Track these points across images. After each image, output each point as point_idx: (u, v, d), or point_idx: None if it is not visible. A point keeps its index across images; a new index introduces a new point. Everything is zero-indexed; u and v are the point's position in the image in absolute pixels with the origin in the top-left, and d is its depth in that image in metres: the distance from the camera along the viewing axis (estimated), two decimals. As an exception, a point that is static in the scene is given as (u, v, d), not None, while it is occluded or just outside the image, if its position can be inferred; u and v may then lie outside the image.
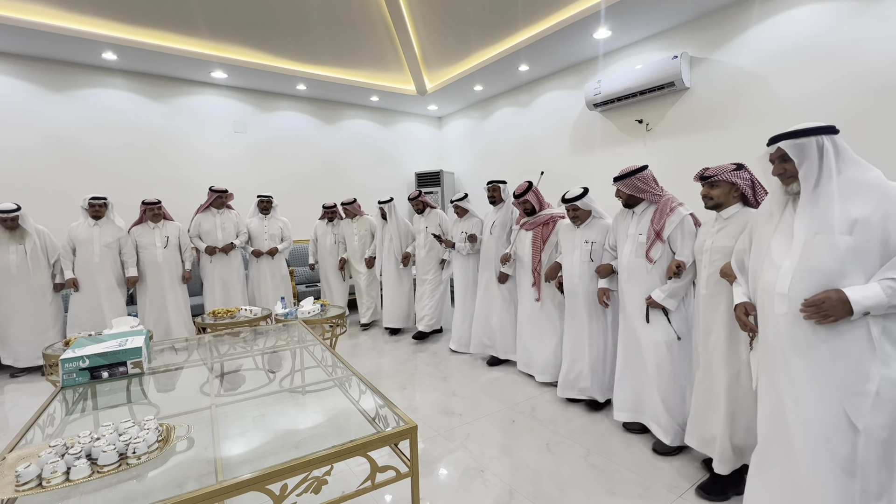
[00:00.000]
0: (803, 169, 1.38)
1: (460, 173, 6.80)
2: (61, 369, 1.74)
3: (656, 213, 2.25)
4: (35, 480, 1.10)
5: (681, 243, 2.19)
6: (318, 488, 1.23)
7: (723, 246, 1.89)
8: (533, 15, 4.04)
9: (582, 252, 2.70)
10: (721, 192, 1.91)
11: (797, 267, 1.37)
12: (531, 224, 3.16)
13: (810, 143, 1.37)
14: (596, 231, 2.69)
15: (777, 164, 1.48)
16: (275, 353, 2.50)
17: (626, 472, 2.16)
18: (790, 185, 1.46)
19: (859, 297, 1.25)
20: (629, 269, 2.35)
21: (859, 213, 1.29)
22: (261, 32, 4.38)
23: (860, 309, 1.25)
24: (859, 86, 2.98)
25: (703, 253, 1.99)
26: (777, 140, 1.44)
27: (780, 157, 1.46)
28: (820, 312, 1.30)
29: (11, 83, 4.24)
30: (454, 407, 2.93)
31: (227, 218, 4.40)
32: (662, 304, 2.20)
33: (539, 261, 3.10)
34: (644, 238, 2.28)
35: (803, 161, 1.38)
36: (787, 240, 1.44)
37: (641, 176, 2.28)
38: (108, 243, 3.79)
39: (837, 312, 1.27)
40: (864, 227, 1.28)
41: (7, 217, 3.53)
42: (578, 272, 2.72)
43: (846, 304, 1.26)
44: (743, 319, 1.63)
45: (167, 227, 4.08)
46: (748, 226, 1.71)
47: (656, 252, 2.23)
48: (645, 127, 4.27)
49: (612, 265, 2.53)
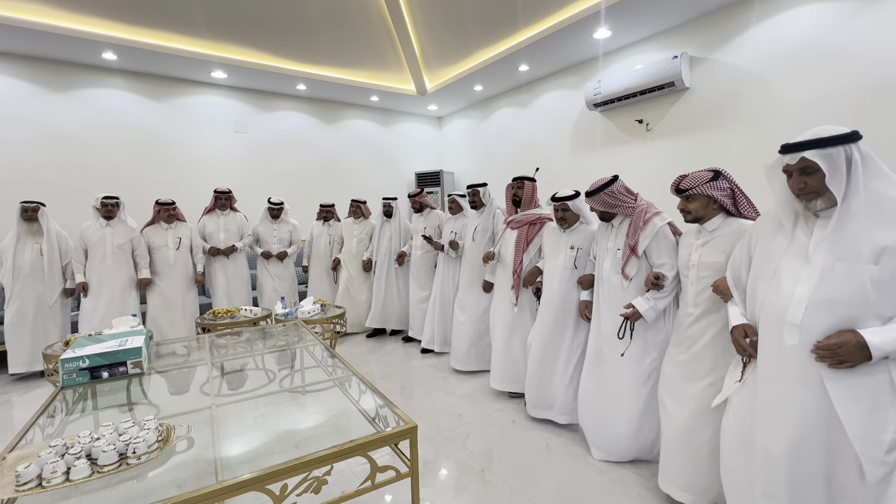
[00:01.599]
0: (833, 183, 1.19)
1: (460, 173, 6.80)
2: (61, 369, 1.74)
3: (630, 226, 2.14)
4: (35, 480, 1.10)
5: (656, 256, 2.06)
6: (318, 488, 1.23)
7: (711, 261, 1.74)
8: (533, 15, 4.04)
9: (566, 258, 2.56)
10: (699, 206, 1.77)
11: (813, 297, 1.22)
12: (517, 223, 3.00)
13: (839, 154, 1.19)
14: (582, 237, 2.55)
15: (796, 176, 1.27)
16: (275, 353, 2.50)
17: (626, 471, 2.16)
18: (812, 202, 1.26)
19: (879, 342, 1.12)
20: (608, 284, 2.21)
21: (889, 240, 1.13)
22: (261, 32, 4.38)
23: (879, 355, 1.13)
24: (859, 86, 2.98)
25: (689, 269, 1.83)
26: (799, 148, 1.23)
27: (801, 168, 1.25)
28: (835, 357, 1.17)
29: (11, 83, 4.24)
30: (454, 407, 2.93)
31: (232, 220, 4.37)
32: (642, 314, 2.04)
33: (521, 262, 2.90)
34: (621, 253, 2.16)
35: (833, 174, 1.18)
36: (800, 262, 1.28)
37: (610, 190, 2.14)
38: (120, 244, 3.74)
39: (855, 359, 1.14)
40: (893, 255, 1.13)
41: (28, 207, 3.53)
42: (559, 278, 2.56)
43: (864, 349, 1.13)
44: (742, 343, 1.43)
45: (180, 228, 4.05)
46: (745, 238, 1.56)
47: (632, 268, 2.10)
48: (645, 127, 4.28)
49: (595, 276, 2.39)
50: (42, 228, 3.62)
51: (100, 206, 3.71)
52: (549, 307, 2.61)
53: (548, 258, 2.71)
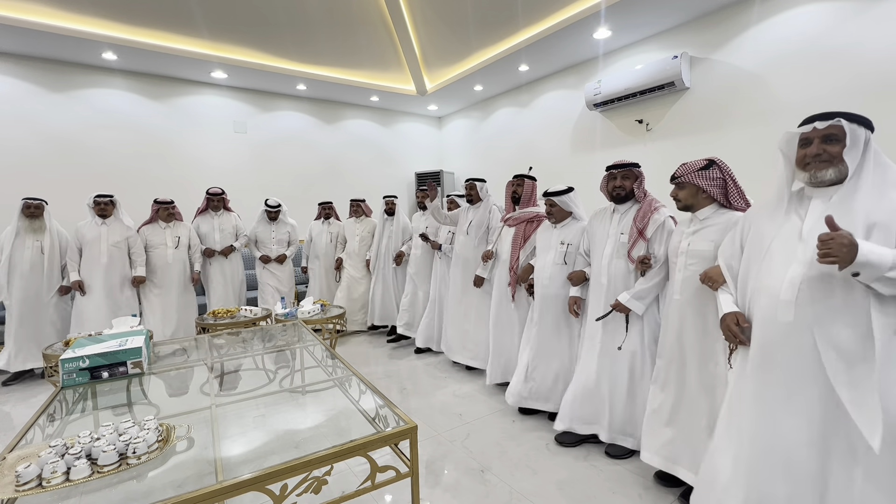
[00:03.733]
0: (850, 156, 1.26)
1: (460, 173, 6.80)
2: (61, 369, 1.74)
3: (639, 211, 2.20)
4: (35, 480, 1.10)
5: (658, 244, 2.13)
6: (318, 488, 1.23)
7: (700, 250, 1.79)
8: (533, 15, 4.04)
9: (556, 254, 2.60)
10: (687, 194, 1.84)
11: (808, 273, 1.27)
12: (515, 220, 3.04)
13: (862, 132, 1.28)
14: (574, 233, 2.59)
15: (817, 143, 1.31)
16: (275, 353, 2.50)
17: (626, 471, 2.16)
18: (823, 171, 1.30)
19: (868, 248, 1.14)
20: (609, 272, 2.24)
21: (878, 217, 1.22)
22: (261, 32, 4.38)
23: (864, 260, 1.13)
24: (859, 86, 2.98)
25: (677, 255, 1.89)
26: (833, 116, 1.29)
27: (825, 136, 1.30)
28: (823, 248, 1.17)
29: (11, 83, 4.24)
30: (454, 407, 2.93)
31: (226, 220, 4.35)
32: (628, 305, 2.11)
33: (517, 258, 2.95)
34: (626, 237, 2.20)
35: (853, 147, 1.26)
36: (793, 242, 1.33)
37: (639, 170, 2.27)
38: (116, 242, 3.73)
39: (841, 254, 1.14)
40: (882, 230, 1.21)
41: (31, 203, 3.53)
42: (550, 274, 2.60)
43: (853, 248, 1.13)
44: (734, 330, 1.45)
45: (178, 227, 4.04)
46: (738, 226, 1.59)
47: (639, 250, 2.16)
48: (645, 127, 4.28)
49: (585, 272, 2.42)
50: (44, 226, 3.61)
51: (93, 205, 3.71)
52: (544, 303, 2.64)
53: (539, 254, 2.74)
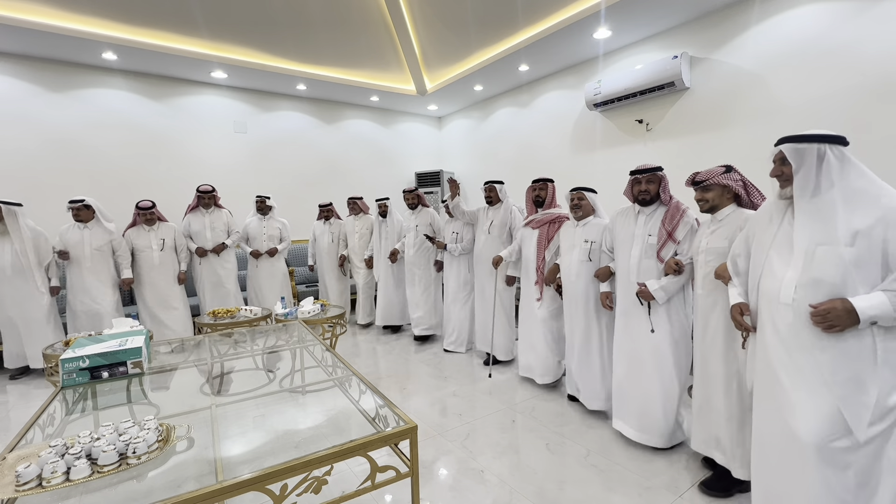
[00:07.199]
0: (799, 175, 1.40)
1: (460, 173, 6.80)
2: (61, 369, 1.74)
3: (667, 214, 2.24)
4: (35, 480, 1.10)
5: (687, 246, 2.20)
6: (318, 488, 1.23)
7: (717, 247, 1.92)
8: (533, 15, 4.04)
9: (581, 251, 2.69)
10: (715, 195, 1.96)
11: (801, 278, 1.38)
12: (538, 222, 3.15)
13: (810, 150, 1.38)
14: (596, 231, 2.68)
15: (776, 165, 1.50)
16: (275, 353, 2.50)
17: (626, 471, 2.16)
18: (784, 189, 1.49)
19: (865, 307, 1.27)
20: (640, 271, 2.30)
21: (861, 224, 1.30)
22: (261, 32, 4.38)
23: (866, 318, 1.27)
24: (859, 86, 2.98)
25: (699, 254, 2.02)
26: (780, 142, 1.46)
27: (780, 158, 1.48)
28: (825, 322, 1.31)
29: (11, 83, 4.24)
30: (454, 407, 2.93)
31: (218, 217, 4.33)
32: (653, 293, 2.20)
33: (543, 259, 3.09)
34: (654, 239, 2.26)
35: (800, 167, 1.39)
36: (787, 250, 1.45)
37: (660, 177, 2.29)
38: (98, 246, 3.72)
39: (843, 322, 1.29)
40: (865, 237, 1.29)
41: None
42: (576, 271, 2.70)
43: (852, 313, 1.27)
44: (738, 319, 1.64)
45: (162, 228, 4.03)
46: (745, 228, 1.72)
47: (668, 252, 2.22)
48: (645, 127, 4.27)
49: (611, 267, 2.52)
50: (6, 229, 3.49)
51: (68, 210, 3.68)
52: (573, 299, 2.76)
53: (564, 253, 2.85)
